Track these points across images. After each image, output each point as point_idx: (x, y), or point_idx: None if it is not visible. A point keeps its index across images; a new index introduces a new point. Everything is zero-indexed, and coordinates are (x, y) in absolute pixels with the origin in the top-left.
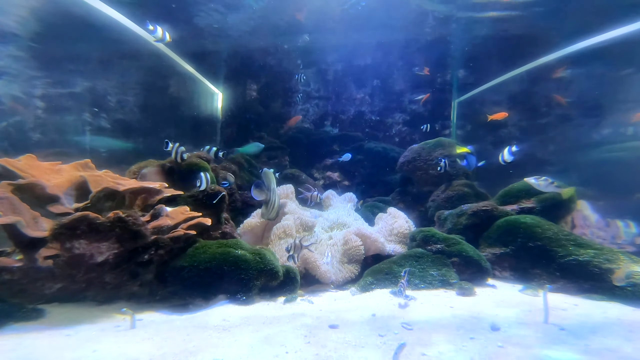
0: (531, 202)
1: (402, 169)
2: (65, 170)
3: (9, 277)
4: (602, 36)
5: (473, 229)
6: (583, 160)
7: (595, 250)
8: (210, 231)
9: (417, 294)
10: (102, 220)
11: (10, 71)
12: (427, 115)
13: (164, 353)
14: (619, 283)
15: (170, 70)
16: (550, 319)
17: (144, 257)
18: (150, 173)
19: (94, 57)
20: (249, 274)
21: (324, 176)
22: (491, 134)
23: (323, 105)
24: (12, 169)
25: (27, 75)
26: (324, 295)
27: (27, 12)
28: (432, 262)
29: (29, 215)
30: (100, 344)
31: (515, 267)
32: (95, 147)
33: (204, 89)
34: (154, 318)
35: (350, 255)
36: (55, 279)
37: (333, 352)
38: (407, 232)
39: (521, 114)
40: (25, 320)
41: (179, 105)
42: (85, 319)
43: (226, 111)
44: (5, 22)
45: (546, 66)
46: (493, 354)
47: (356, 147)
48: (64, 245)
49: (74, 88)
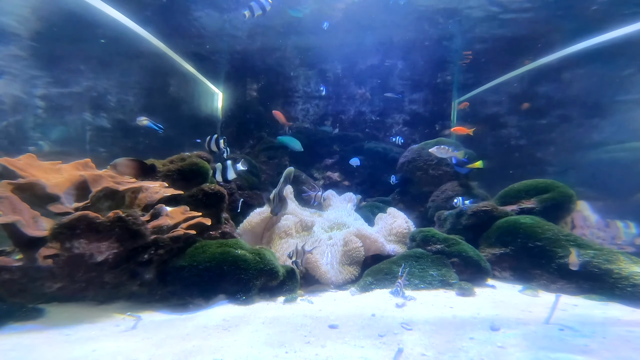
0: (531, 202)
1: (402, 169)
2: (65, 169)
3: (8, 276)
4: (602, 37)
5: (473, 230)
6: (583, 161)
7: (595, 250)
8: (210, 231)
9: (417, 294)
10: (102, 220)
11: (11, 70)
12: (428, 115)
13: (163, 353)
14: (575, 267)
15: (171, 70)
16: (550, 319)
17: (143, 256)
18: (121, 164)
19: (94, 56)
20: (249, 274)
21: (324, 176)
22: (491, 134)
23: (323, 105)
24: (12, 168)
25: (28, 75)
26: (324, 295)
27: (28, 11)
28: (431, 262)
29: (29, 214)
30: (99, 343)
31: (515, 267)
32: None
33: (204, 89)
34: (154, 318)
35: (351, 256)
36: (55, 279)
37: (333, 352)
38: (407, 232)
39: (521, 114)
40: (24, 320)
41: (179, 105)
42: (84, 319)
43: (226, 111)
44: (5, 22)
45: (546, 66)
46: (493, 354)
47: (356, 147)
48: (63, 245)
49: (74, 88)
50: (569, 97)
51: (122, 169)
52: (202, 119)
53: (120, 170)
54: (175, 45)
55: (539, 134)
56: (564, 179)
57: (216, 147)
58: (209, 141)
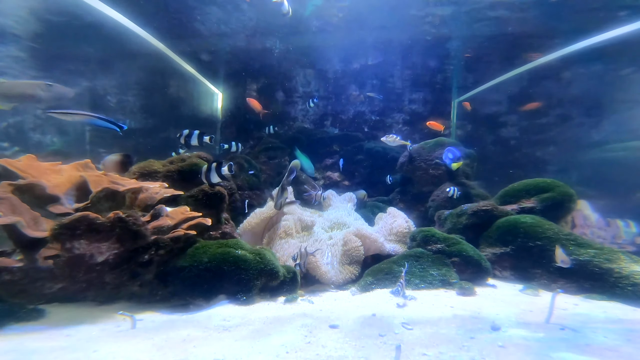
0: (531, 201)
1: (402, 168)
2: (65, 170)
3: (9, 277)
4: (601, 36)
5: (473, 229)
6: (583, 160)
7: (595, 250)
8: (210, 231)
9: (418, 294)
10: (102, 221)
11: (10, 71)
12: (427, 115)
13: (164, 353)
14: (566, 265)
15: (171, 70)
16: (551, 318)
17: (144, 257)
18: (107, 161)
19: (94, 57)
20: (249, 274)
21: (324, 176)
22: (491, 133)
23: (323, 105)
24: (12, 169)
25: (28, 76)
26: (324, 295)
27: (27, 12)
28: (432, 262)
29: (29, 215)
30: (100, 344)
31: (515, 266)
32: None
33: (204, 89)
34: (155, 318)
35: (350, 255)
36: (55, 279)
37: (333, 352)
38: (407, 231)
39: (521, 114)
40: (25, 321)
41: (179, 106)
42: (85, 319)
43: (226, 111)
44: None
45: (546, 65)
46: (494, 353)
47: (356, 147)
48: (64, 246)
49: (74, 88)
50: (568, 96)
51: (108, 166)
52: (202, 119)
53: (107, 167)
54: (174, 46)
55: (539, 133)
56: (564, 178)
57: (198, 142)
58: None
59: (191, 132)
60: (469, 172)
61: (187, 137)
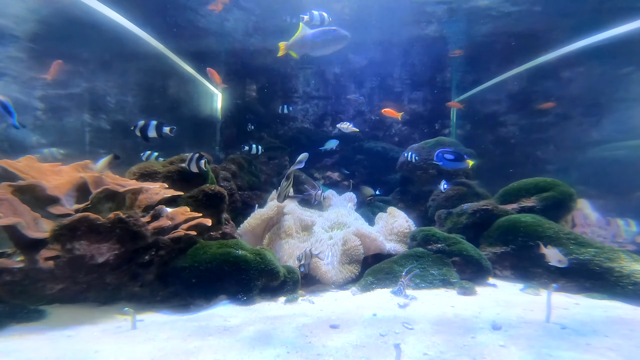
0: (531, 201)
1: (402, 168)
2: (65, 171)
3: (10, 278)
4: (601, 35)
5: (473, 228)
6: (583, 159)
7: (595, 249)
8: (210, 231)
9: (418, 294)
10: (103, 221)
11: (10, 72)
12: (427, 114)
13: (165, 354)
14: (561, 265)
15: (170, 70)
16: (552, 318)
17: (144, 257)
18: (103, 162)
19: (93, 58)
20: (250, 274)
21: (324, 176)
22: (491, 133)
23: (322, 105)
24: (13, 170)
25: (27, 76)
26: (325, 295)
27: (26, 12)
28: (432, 261)
29: (30, 216)
30: (101, 344)
31: (516, 266)
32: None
33: (204, 90)
34: (155, 319)
35: (350, 255)
36: (56, 280)
37: (334, 351)
38: (407, 231)
39: (521, 113)
40: (26, 321)
41: (178, 106)
42: (86, 320)
43: (226, 111)
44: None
45: (547, 65)
46: (495, 353)
47: (356, 146)
48: (64, 246)
49: (74, 89)
50: (568, 95)
51: (100, 168)
52: (202, 119)
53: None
54: (174, 46)
55: (539, 132)
56: (564, 177)
57: (156, 134)
58: (143, 127)
59: (147, 122)
60: (469, 171)
61: (143, 129)
